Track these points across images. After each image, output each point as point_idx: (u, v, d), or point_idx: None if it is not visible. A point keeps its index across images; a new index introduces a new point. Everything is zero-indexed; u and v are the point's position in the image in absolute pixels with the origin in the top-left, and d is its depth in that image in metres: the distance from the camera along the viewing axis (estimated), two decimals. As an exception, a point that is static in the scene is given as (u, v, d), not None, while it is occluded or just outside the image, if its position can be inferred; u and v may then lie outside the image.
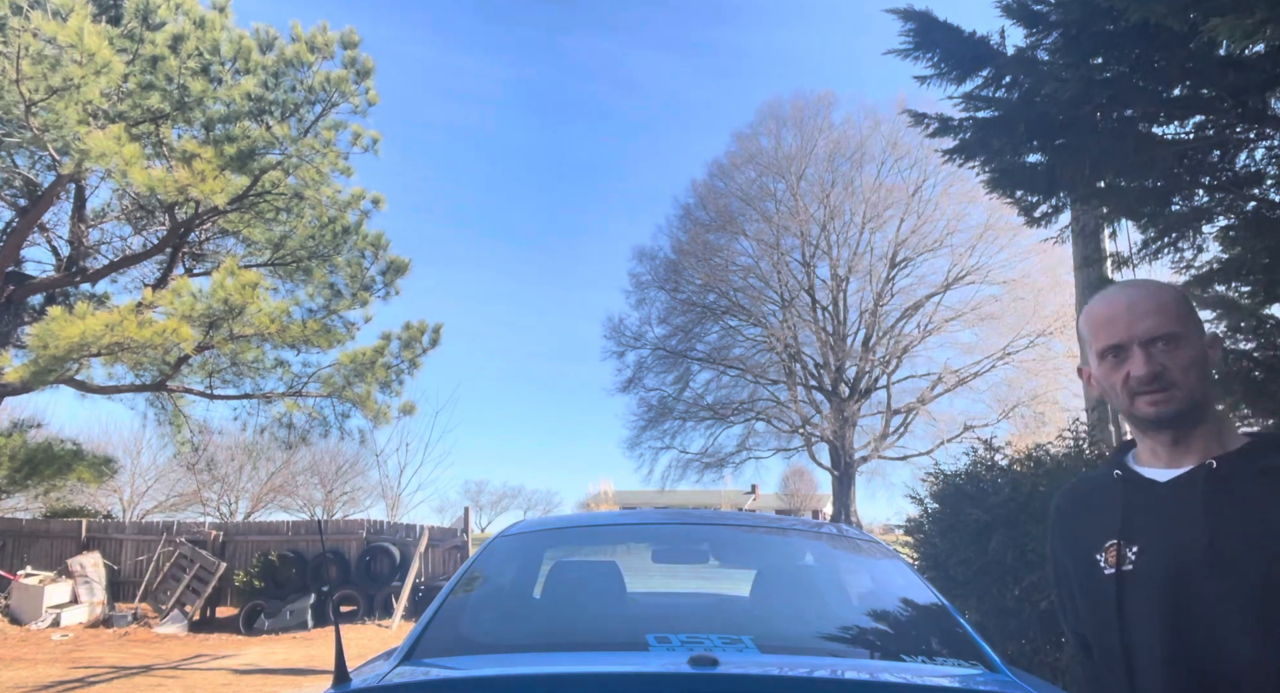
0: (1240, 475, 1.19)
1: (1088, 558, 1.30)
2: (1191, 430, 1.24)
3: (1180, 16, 2.84)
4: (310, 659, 9.53)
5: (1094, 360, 1.32)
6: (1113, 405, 1.33)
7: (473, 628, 2.05)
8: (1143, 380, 1.22)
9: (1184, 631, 1.15)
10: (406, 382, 11.85)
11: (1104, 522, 1.30)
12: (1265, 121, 3.66)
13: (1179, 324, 1.24)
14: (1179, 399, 1.21)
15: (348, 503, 28.76)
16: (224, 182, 9.50)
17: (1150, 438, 1.28)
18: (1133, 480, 1.30)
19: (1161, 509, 1.23)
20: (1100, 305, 1.31)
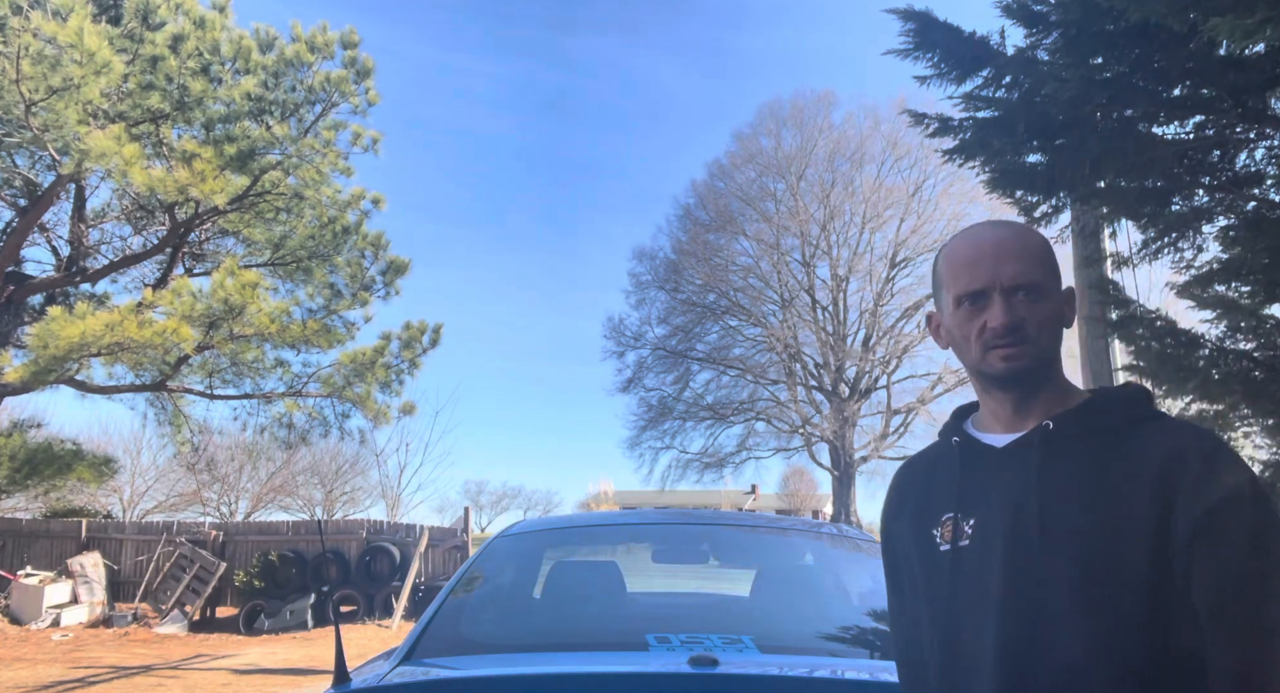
0: (1077, 436, 1.08)
1: (925, 535, 1.18)
2: (1036, 392, 1.13)
3: (1180, 16, 2.84)
4: (310, 659, 9.53)
5: (948, 306, 1.17)
6: (959, 358, 1.19)
7: (473, 628, 2.05)
8: (999, 332, 1.09)
9: (1016, 616, 1.02)
10: (406, 382, 11.86)
11: (942, 494, 1.18)
12: (1265, 121, 3.66)
13: (1044, 273, 1.13)
14: (1030, 355, 1.10)
15: (348, 503, 28.76)
16: (224, 182, 9.50)
17: (994, 399, 1.16)
18: (970, 446, 1.18)
19: (998, 477, 1.11)
20: (964, 245, 1.17)
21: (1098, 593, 0.98)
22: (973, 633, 1.06)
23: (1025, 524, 1.04)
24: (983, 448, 1.16)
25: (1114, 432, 1.07)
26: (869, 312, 27.79)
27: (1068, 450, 1.07)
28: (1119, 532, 0.98)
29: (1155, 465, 1.00)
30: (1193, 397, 4.37)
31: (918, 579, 1.18)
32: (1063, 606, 0.99)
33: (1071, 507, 1.03)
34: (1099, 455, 1.06)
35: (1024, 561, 1.03)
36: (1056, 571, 1.00)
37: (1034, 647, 1.01)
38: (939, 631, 1.12)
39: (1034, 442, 1.09)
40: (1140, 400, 1.11)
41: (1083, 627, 0.98)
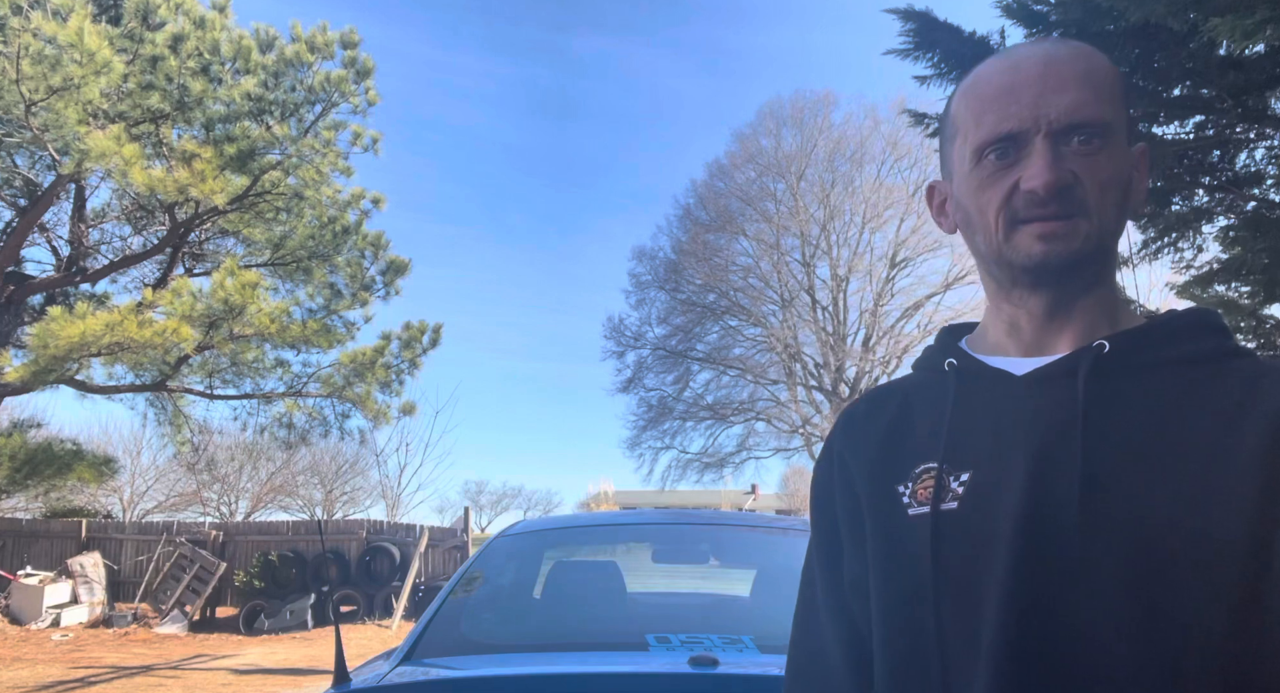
0: (1141, 367, 0.73)
1: (884, 492, 0.81)
2: (1080, 296, 0.77)
3: (1180, 16, 2.84)
4: (310, 659, 9.53)
5: (963, 164, 0.80)
6: (971, 245, 0.82)
7: (473, 628, 2.05)
8: (1039, 194, 0.72)
9: (1028, 619, 0.68)
10: (406, 382, 11.86)
11: (920, 438, 0.82)
12: (1265, 121, 3.66)
13: (1112, 109, 0.75)
14: (1083, 235, 0.73)
15: (348, 503, 28.76)
16: (224, 182, 9.50)
17: (1015, 305, 0.80)
18: (973, 372, 0.81)
19: (1014, 417, 0.75)
20: (997, 69, 0.77)
21: (1163, 602, 0.65)
22: (955, 635, 0.72)
23: (1055, 487, 0.70)
24: (991, 375, 0.80)
25: (1192, 367, 0.73)
26: (869, 312, 27.79)
27: (1126, 387, 0.72)
28: (1206, 516, 0.65)
29: (1265, 424, 0.67)
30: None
31: (866, 553, 0.82)
32: (1104, 613, 0.66)
33: (1132, 469, 0.68)
34: (1175, 399, 0.71)
35: (1048, 539, 0.69)
36: (1100, 561, 0.67)
37: (1056, 657, 0.67)
38: (896, 626, 0.78)
39: (1078, 369, 0.73)
40: (1223, 328, 0.77)
41: (1132, 648, 0.65)
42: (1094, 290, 0.78)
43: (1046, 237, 0.73)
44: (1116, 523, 0.67)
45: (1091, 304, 0.78)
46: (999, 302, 0.82)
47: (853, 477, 0.87)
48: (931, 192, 0.90)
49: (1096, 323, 0.77)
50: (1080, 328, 0.77)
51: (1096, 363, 0.74)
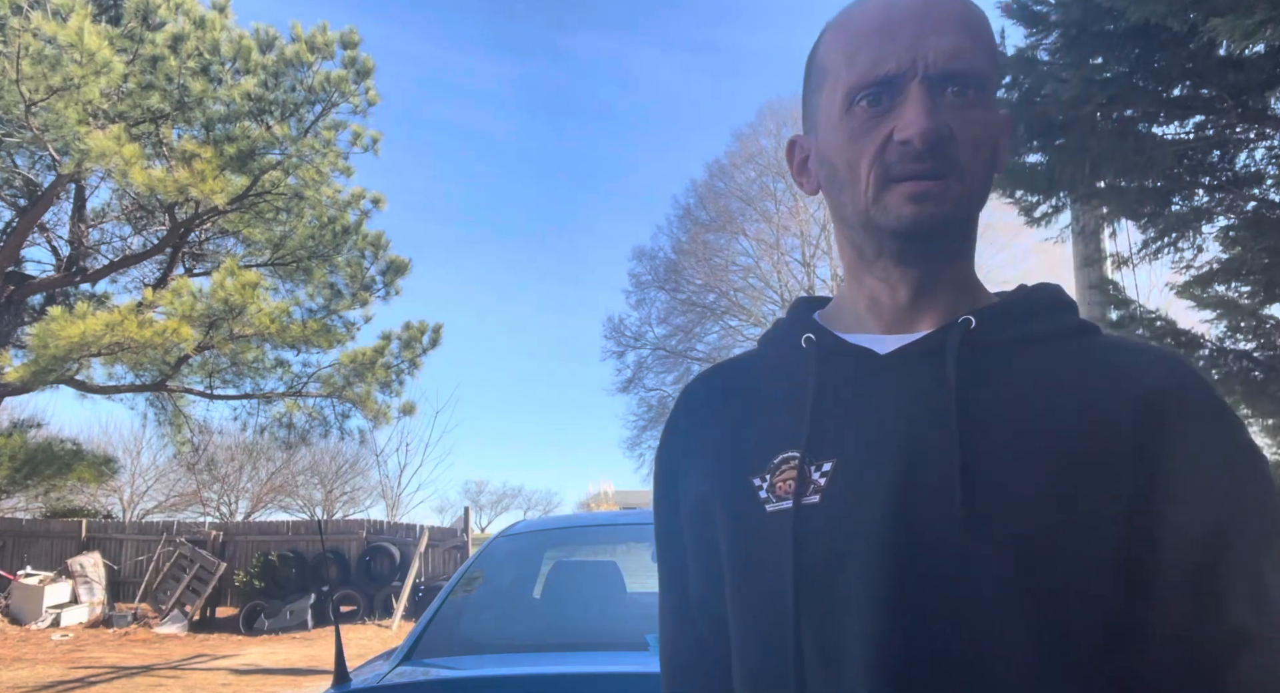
0: (1007, 347, 0.69)
1: (738, 487, 0.71)
2: (945, 268, 0.72)
3: (1180, 16, 2.84)
4: (310, 659, 9.53)
5: (831, 114, 0.71)
6: (834, 205, 0.74)
7: (473, 628, 2.06)
8: (916, 146, 0.65)
9: (911, 612, 0.61)
10: (406, 382, 11.86)
11: (776, 423, 0.72)
12: (1265, 121, 3.66)
13: (989, 61, 0.69)
14: (954, 198, 0.67)
15: (348, 503, 28.76)
16: (224, 182, 9.50)
17: (877, 277, 0.73)
18: (834, 350, 0.73)
19: (880, 399, 0.68)
20: (872, 5, 0.70)
21: (1054, 596, 0.59)
22: (819, 649, 0.64)
23: (930, 475, 0.63)
24: (853, 353, 0.72)
25: (1054, 344, 0.69)
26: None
27: (995, 365, 0.67)
28: (1087, 500, 0.60)
29: (1135, 405, 0.63)
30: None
31: (719, 555, 0.72)
32: (993, 614, 0.59)
33: (1009, 453, 0.63)
34: (1043, 377, 0.66)
35: (925, 533, 0.62)
36: (985, 555, 0.60)
37: (941, 678, 0.60)
38: (753, 643, 0.69)
39: (946, 346, 0.68)
40: (1074, 303, 0.73)
41: (1026, 648, 0.59)
42: (958, 263, 0.73)
43: (918, 197, 0.66)
44: (1000, 513, 0.61)
45: (955, 278, 0.73)
46: (860, 273, 0.75)
47: (698, 471, 0.76)
48: (792, 148, 0.81)
49: (959, 299, 0.72)
50: (944, 304, 0.72)
51: (966, 338, 0.68)
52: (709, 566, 0.74)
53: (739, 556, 0.70)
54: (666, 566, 0.80)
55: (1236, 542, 0.59)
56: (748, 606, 0.69)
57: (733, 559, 0.71)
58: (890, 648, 0.60)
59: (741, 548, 0.70)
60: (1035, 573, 0.60)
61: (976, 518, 0.61)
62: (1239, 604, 0.59)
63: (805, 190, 0.79)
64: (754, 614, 0.69)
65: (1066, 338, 0.70)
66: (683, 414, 0.81)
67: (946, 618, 0.60)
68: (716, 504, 0.73)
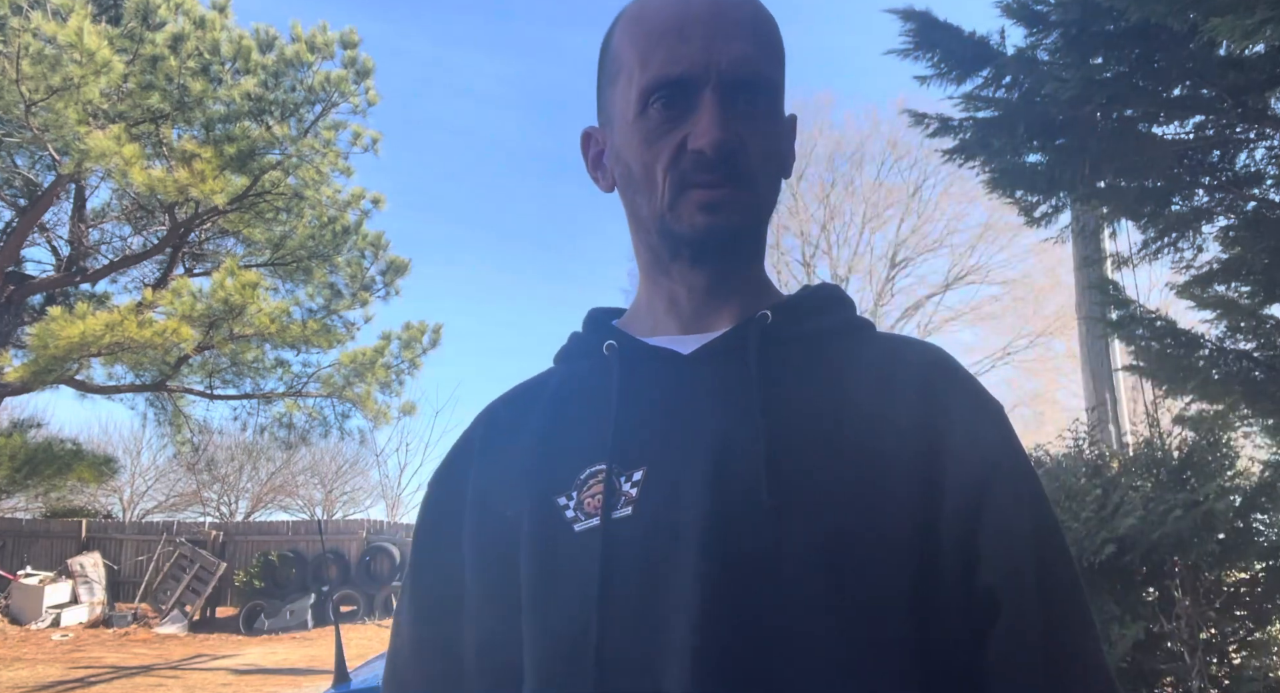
0: (802, 341, 0.70)
1: (543, 509, 0.66)
2: (739, 271, 0.73)
3: (1180, 16, 2.84)
4: (310, 659, 9.53)
5: (627, 113, 0.70)
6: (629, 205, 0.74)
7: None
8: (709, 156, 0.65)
9: (730, 613, 0.58)
10: (406, 382, 11.87)
11: (579, 436, 0.69)
12: (1265, 121, 3.66)
13: (778, 69, 0.71)
14: (745, 208, 0.68)
15: (348, 503, 28.76)
16: (224, 182, 9.50)
17: (674, 279, 0.73)
18: (636, 354, 0.71)
19: (687, 401, 0.67)
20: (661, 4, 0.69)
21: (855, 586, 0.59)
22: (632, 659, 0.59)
23: (740, 474, 0.61)
24: (656, 356, 0.71)
25: (840, 337, 0.71)
26: (869, 312, 27.81)
27: (792, 359, 0.69)
28: (879, 490, 0.61)
29: (910, 390, 0.66)
30: (1193, 396, 4.37)
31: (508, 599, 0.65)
32: (803, 607, 0.58)
33: (811, 447, 0.63)
34: (836, 369, 0.68)
35: (739, 532, 0.60)
36: (795, 549, 0.59)
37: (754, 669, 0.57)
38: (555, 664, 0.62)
39: (747, 342, 0.68)
40: (851, 300, 0.76)
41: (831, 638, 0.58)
42: (751, 266, 0.75)
43: (711, 206, 0.67)
44: (806, 506, 0.60)
45: (749, 279, 0.74)
46: (656, 275, 0.74)
47: (493, 498, 0.70)
48: (587, 141, 0.79)
49: (754, 298, 0.73)
50: (740, 303, 0.72)
51: (764, 333, 0.69)
52: (502, 605, 0.65)
53: (542, 582, 0.64)
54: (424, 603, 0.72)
55: (990, 504, 0.62)
56: (545, 632, 0.63)
57: (534, 587, 0.64)
58: (708, 651, 0.57)
59: (547, 573, 0.64)
60: (841, 557, 0.59)
61: (785, 507, 0.60)
62: (991, 567, 0.61)
63: (600, 187, 0.78)
64: (552, 641, 0.62)
65: (851, 332, 0.73)
66: (477, 438, 0.76)
67: (762, 610, 0.58)
68: (517, 531, 0.66)
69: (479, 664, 0.68)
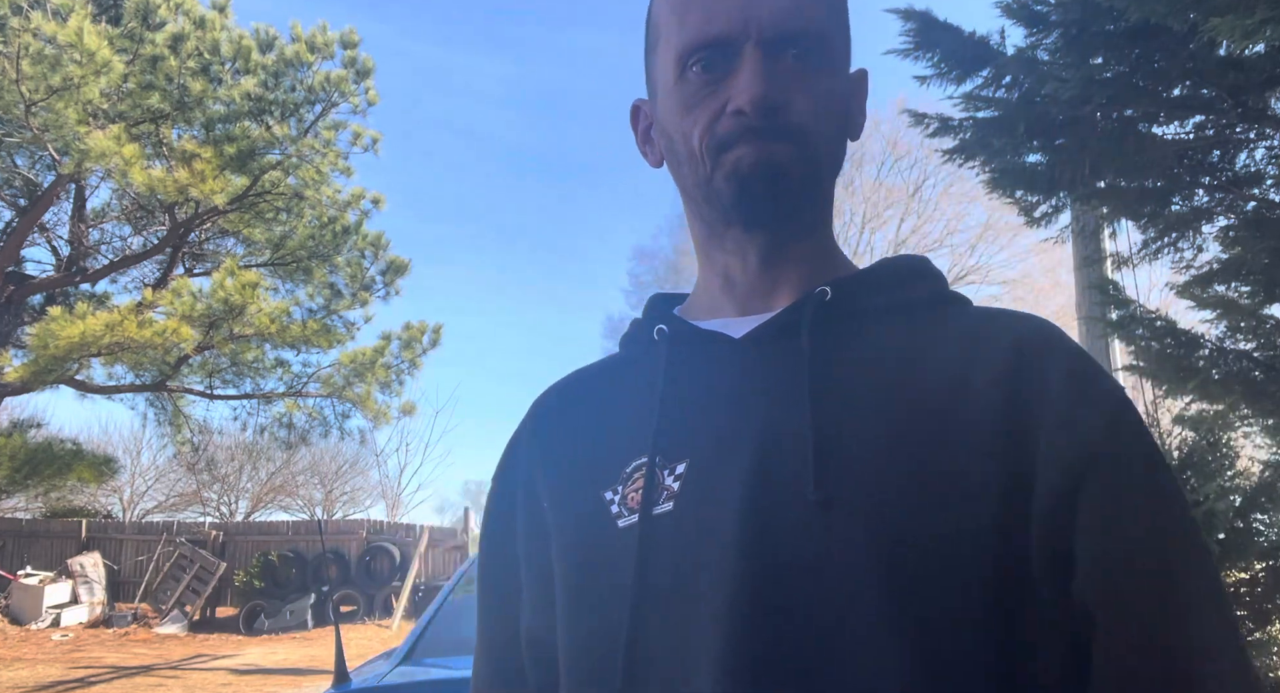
0: (866, 318, 0.63)
1: (589, 504, 0.63)
2: (797, 241, 0.66)
3: (1180, 16, 2.84)
4: (310, 659, 9.53)
5: (666, 79, 0.67)
6: (678, 178, 0.69)
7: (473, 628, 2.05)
8: (749, 114, 0.60)
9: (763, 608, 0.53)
10: (406, 382, 11.87)
11: (627, 427, 0.65)
12: (1265, 121, 3.66)
13: (833, 21, 0.65)
14: (800, 159, 0.62)
15: (348, 503, 28.77)
16: (224, 182, 9.50)
17: (728, 252, 0.67)
18: (686, 339, 0.67)
19: (735, 388, 0.62)
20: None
21: (918, 594, 0.52)
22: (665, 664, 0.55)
23: (785, 467, 0.56)
24: (706, 340, 0.66)
25: (913, 315, 0.63)
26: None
27: (852, 339, 0.62)
28: (950, 486, 0.54)
29: (993, 368, 0.57)
30: (1193, 397, 4.38)
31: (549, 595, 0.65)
32: (852, 612, 0.52)
33: (868, 437, 0.56)
34: (903, 350, 0.60)
35: (779, 531, 0.54)
36: (844, 551, 0.53)
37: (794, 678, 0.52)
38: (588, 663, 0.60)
39: (801, 321, 0.62)
40: (937, 273, 0.68)
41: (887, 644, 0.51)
42: (811, 236, 0.67)
43: (757, 164, 0.61)
44: (858, 503, 0.54)
45: (810, 251, 0.67)
46: (711, 250, 0.69)
47: (540, 491, 0.68)
48: (636, 114, 0.75)
49: (819, 271, 0.66)
50: (799, 278, 0.66)
51: (821, 310, 0.62)
52: (542, 610, 0.65)
53: (582, 579, 0.62)
54: (492, 597, 0.72)
55: (1087, 500, 0.53)
56: (579, 631, 0.61)
57: (574, 583, 0.62)
58: (738, 662, 0.52)
59: (588, 570, 0.61)
60: (899, 561, 0.52)
61: (832, 500, 0.54)
62: (1087, 576, 0.52)
63: (649, 162, 0.74)
64: (586, 639, 0.60)
65: (930, 307, 0.64)
66: (528, 428, 0.73)
67: (803, 617, 0.52)
68: (566, 530, 0.64)
69: (529, 658, 0.67)
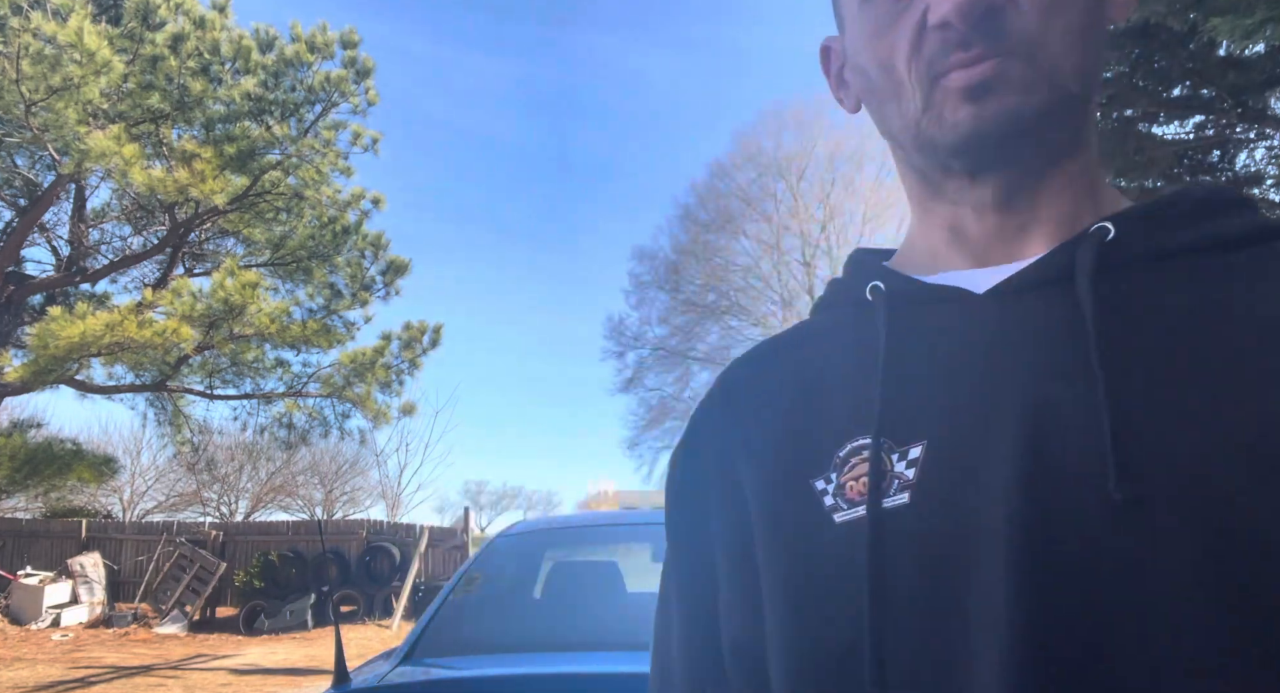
0: (1160, 263, 0.48)
1: (796, 493, 0.53)
2: (1045, 173, 0.52)
3: (1180, 16, 2.84)
4: (310, 659, 9.54)
5: (851, 3, 0.56)
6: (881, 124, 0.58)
7: (472, 628, 2.06)
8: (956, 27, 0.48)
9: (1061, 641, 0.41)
10: (406, 382, 11.86)
11: (838, 403, 0.54)
12: (1265, 121, 3.66)
13: None
14: (1032, 80, 0.49)
15: (348, 503, 28.75)
16: (224, 182, 9.51)
17: (953, 201, 0.55)
18: (911, 297, 0.54)
19: (984, 353, 0.49)
20: None
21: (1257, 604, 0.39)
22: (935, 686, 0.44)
23: (1068, 450, 0.44)
24: (940, 297, 0.53)
25: (1223, 254, 0.48)
26: (869, 312, 27.78)
27: (1144, 290, 0.47)
28: None
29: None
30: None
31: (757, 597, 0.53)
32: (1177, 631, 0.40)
33: (1175, 412, 0.43)
34: (1212, 302, 0.46)
35: (1068, 532, 0.43)
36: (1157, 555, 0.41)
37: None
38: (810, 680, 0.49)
39: (1078, 265, 0.48)
40: (1249, 201, 0.52)
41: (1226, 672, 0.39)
42: (1064, 163, 0.52)
43: (975, 91, 0.49)
44: (1174, 500, 0.41)
45: (1065, 184, 0.52)
46: (929, 203, 0.57)
47: (740, 476, 0.57)
48: (826, 55, 0.63)
49: (1077, 210, 0.52)
50: (1056, 217, 0.52)
51: (1100, 253, 0.48)
52: (747, 613, 0.54)
53: (800, 584, 0.51)
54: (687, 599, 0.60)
55: None
56: (807, 658, 0.49)
57: (789, 589, 0.51)
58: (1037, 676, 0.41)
59: (805, 573, 0.51)
60: (1230, 570, 0.40)
61: (1140, 502, 0.42)
62: None
63: (846, 108, 0.63)
64: (816, 656, 0.49)
65: (1246, 244, 0.48)
66: (716, 405, 0.61)
67: (1114, 645, 0.41)
68: (766, 522, 0.54)
69: (731, 665, 0.56)
